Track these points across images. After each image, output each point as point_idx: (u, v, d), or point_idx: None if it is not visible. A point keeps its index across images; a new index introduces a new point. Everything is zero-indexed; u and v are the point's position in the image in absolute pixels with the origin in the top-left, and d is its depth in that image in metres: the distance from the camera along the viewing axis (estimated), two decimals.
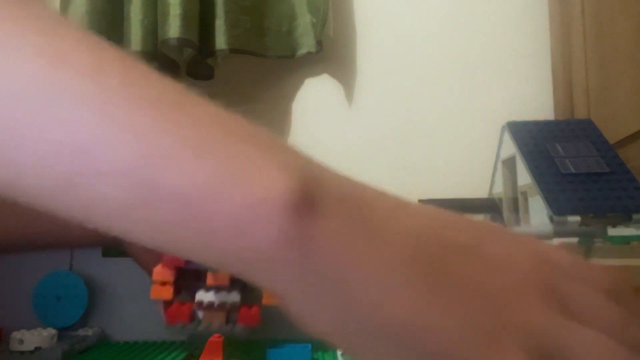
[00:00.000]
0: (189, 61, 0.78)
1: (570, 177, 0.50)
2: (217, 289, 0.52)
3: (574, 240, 0.46)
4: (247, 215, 0.17)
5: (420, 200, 0.66)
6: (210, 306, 0.51)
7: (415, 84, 0.83)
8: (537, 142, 0.55)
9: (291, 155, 0.20)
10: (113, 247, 0.52)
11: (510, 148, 0.58)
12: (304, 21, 0.80)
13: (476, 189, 0.71)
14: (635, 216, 0.45)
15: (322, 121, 0.83)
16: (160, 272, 0.50)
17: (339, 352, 0.52)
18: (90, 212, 0.19)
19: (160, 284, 0.49)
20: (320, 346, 0.60)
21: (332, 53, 0.84)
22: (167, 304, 0.51)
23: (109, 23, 0.77)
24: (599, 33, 0.66)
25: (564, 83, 0.74)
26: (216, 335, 0.48)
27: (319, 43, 0.78)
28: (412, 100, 0.83)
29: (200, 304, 0.51)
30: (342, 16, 0.85)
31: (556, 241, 0.48)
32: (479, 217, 0.66)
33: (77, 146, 0.17)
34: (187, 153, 0.18)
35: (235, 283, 0.52)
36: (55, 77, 0.18)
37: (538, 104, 0.80)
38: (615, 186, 0.48)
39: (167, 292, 0.50)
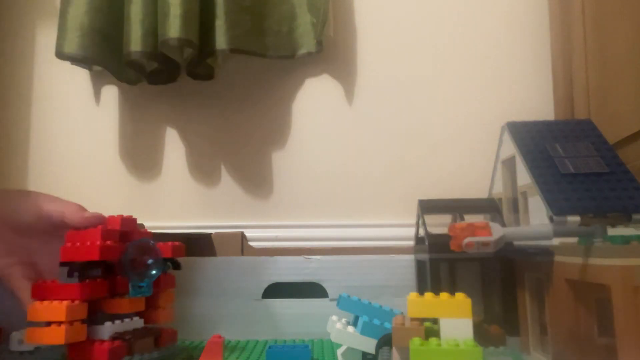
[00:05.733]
0: (189, 61, 0.78)
1: (570, 177, 0.50)
2: (120, 317, 0.47)
3: (574, 240, 0.46)
4: None
5: (420, 201, 0.66)
6: (141, 335, 0.47)
7: (415, 84, 0.83)
8: (537, 142, 0.55)
9: None
10: None
11: (510, 148, 0.58)
12: (304, 21, 0.80)
13: (476, 189, 0.71)
14: (634, 216, 0.45)
15: (322, 121, 0.83)
16: (71, 308, 0.42)
17: (339, 352, 0.52)
18: None
19: (68, 323, 0.42)
20: (320, 346, 0.60)
21: (332, 53, 0.84)
22: (82, 345, 0.44)
23: (109, 23, 0.77)
24: (599, 33, 0.66)
25: (564, 83, 0.74)
26: (216, 335, 0.48)
27: (320, 43, 0.78)
28: (412, 101, 0.83)
29: (129, 335, 0.46)
30: (342, 16, 0.85)
31: (556, 241, 0.48)
32: (479, 217, 0.66)
33: None
34: None
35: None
36: None
37: (538, 104, 0.80)
38: (615, 186, 0.48)
39: (82, 332, 0.43)
